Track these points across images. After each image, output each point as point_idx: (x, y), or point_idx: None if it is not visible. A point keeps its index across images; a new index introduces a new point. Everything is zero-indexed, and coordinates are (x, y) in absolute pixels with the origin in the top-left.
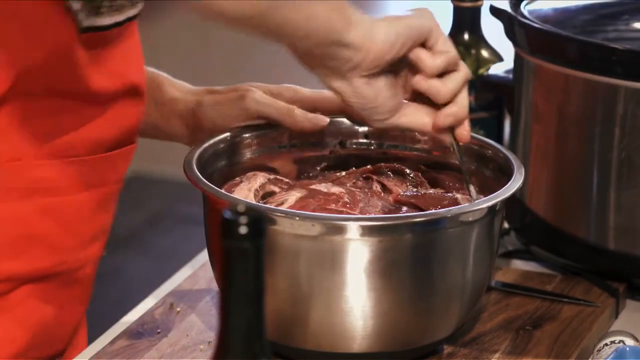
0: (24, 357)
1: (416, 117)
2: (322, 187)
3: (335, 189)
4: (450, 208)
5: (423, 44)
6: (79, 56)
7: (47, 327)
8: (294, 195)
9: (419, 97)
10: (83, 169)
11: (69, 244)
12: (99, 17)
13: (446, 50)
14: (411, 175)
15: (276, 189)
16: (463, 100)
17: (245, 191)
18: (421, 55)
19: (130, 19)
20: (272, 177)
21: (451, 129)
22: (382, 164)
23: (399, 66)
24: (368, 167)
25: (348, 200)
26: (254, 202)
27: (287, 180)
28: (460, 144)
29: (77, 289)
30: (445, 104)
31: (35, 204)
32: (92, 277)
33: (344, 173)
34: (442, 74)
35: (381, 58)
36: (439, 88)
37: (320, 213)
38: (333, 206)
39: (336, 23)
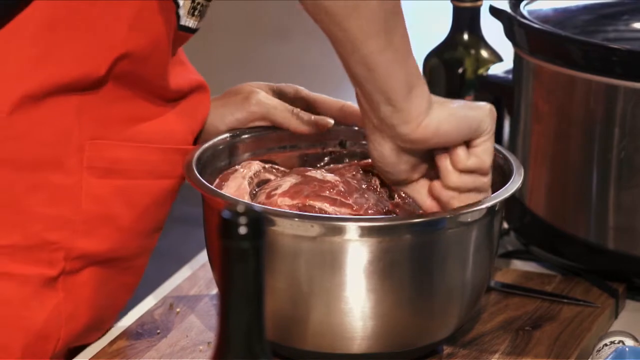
0: (79, 339)
1: (420, 194)
2: (318, 174)
3: (331, 177)
4: (449, 209)
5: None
6: (169, 52)
7: (103, 310)
8: (288, 182)
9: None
10: (157, 157)
11: (135, 229)
12: (192, 18)
13: (482, 159)
14: None
15: (271, 177)
16: (465, 198)
17: (240, 179)
18: (458, 150)
19: (198, 29)
20: (267, 165)
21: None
22: None
23: None
24: (369, 160)
25: (343, 189)
26: (247, 189)
27: (282, 168)
28: None
29: (130, 277)
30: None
31: (113, 184)
32: (144, 268)
33: (343, 165)
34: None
35: (425, 142)
36: (454, 179)
37: (313, 201)
38: (327, 193)
39: (398, 77)
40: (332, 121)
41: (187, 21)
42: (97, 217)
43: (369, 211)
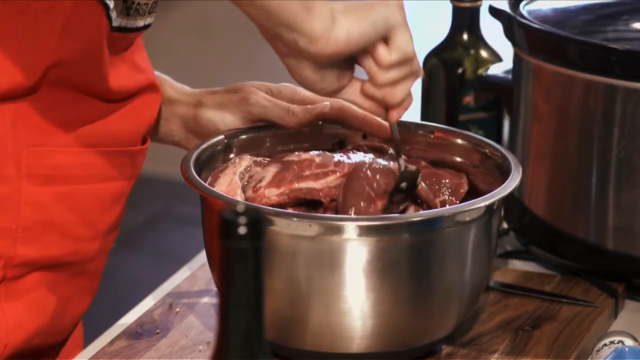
0: (30, 343)
1: (356, 96)
2: (294, 156)
3: (306, 155)
4: (447, 207)
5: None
6: (105, 55)
7: (55, 315)
8: (270, 172)
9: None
10: (101, 161)
11: (83, 234)
12: (128, 18)
13: (403, 50)
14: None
15: (260, 170)
16: (401, 89)
17: (231, 175)
18: (378, 50)
19: (148, 26)
20: (258, 159)
21: (387, 109)
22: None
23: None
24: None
25: (320, 161)
26: (239, 184)
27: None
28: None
29: (87, 280)
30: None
31: (54, 190)
32: (101, 270)
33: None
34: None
35: (337, 54)
36: (382, 78)
37: (298, 184)
38: (308, 172)
39: (293, 6)
40: (328, 104)
41: (123, 22)
42: (39, 225)
43: (352, 166)
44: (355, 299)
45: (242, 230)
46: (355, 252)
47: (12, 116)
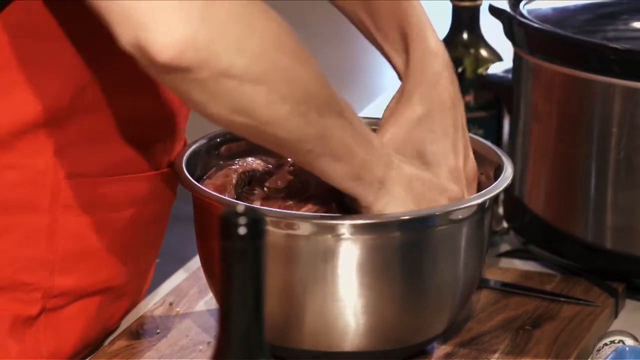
0: None
1: None
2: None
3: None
4: (440, 206)
5: None
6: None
7: (95, 335)
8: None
9: None
10: (143, 186)
11: (122, 259)
12: None
13: None
14: None
15: (261, 169)
16: None
17: (232, 172)
18: None
19: None
20: (259, 161)
21: None
22: None
23: None
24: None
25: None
26: (233, 183)
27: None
28: None
29: (127, 301)
30: None
31: (92, 219)
32: (141, 289)
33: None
34: None
35: None
36: None
37: (311, 213)
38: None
39: (336, 175)
40: None
41: None
42: (77, 254)
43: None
44: (348, 298)
45: (242, 230)
46: (348, 250)
47: (54, 146)
